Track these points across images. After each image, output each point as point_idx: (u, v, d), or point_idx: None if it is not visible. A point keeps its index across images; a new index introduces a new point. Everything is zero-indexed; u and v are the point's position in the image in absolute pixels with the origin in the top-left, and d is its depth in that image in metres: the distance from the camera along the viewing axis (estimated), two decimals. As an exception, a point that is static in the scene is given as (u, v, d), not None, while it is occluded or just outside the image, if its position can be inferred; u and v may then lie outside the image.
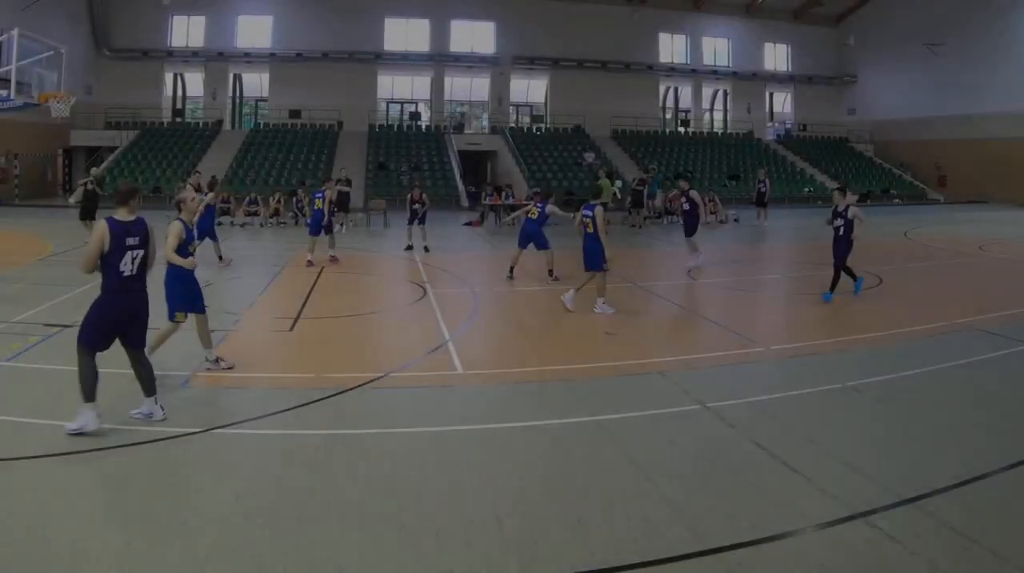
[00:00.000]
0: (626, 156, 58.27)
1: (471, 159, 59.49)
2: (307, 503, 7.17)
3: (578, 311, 16.20)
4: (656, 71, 66.30)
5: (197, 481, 7.62)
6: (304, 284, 18.87)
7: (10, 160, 47.66)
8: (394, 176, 50.74)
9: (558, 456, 8.40)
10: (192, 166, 48.13)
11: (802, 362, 12.51)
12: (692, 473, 7.93)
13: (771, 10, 66.44)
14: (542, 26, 61.52)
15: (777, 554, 6.36)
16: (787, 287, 20.03)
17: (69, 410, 9.29)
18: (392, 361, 12.29)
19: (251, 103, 65.48)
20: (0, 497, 7.10)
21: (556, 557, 6.26)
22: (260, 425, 9.27)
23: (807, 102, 70.32)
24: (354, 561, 6.17)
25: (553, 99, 65.13)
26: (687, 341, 14.17)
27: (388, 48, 62.26)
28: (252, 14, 60.80)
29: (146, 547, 6.30)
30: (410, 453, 8.43)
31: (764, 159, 60.38)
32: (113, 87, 58.06)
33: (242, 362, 12.32)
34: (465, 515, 6.96)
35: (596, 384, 11.13)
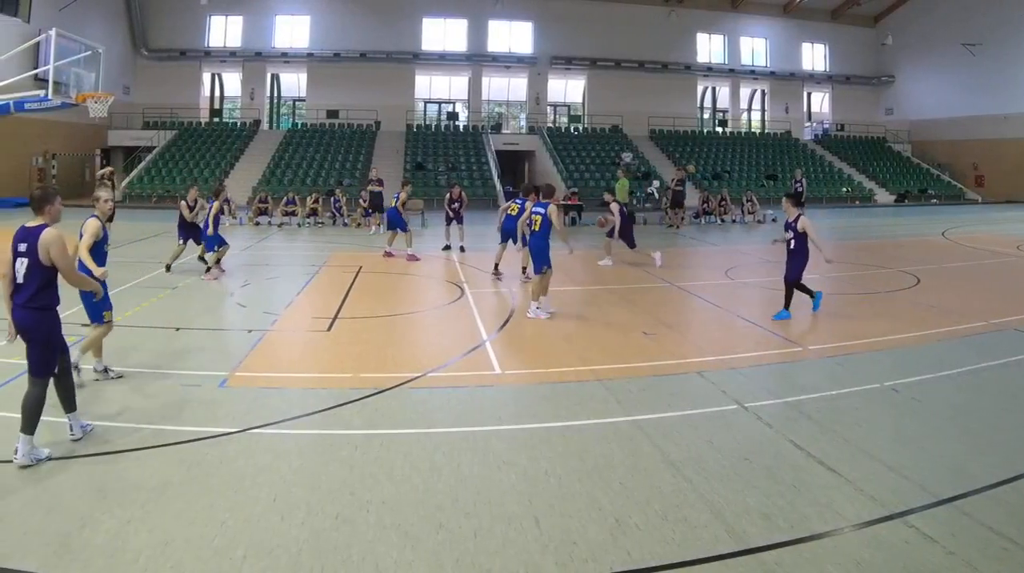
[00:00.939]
0: (664, 156, 58.21)
1: (509, 159, 59.58)
2: (344, 503, 7.19)
3: (614, 311, 16.21)
4: (694, 71, 66.22)
5: (235, 481, 7.62)
6: (342, 284, 18.91)
7: (47, 160, 47.95)
8: (432, 176, 50.77)
9: (596, 456, 8.35)
10: (230, 166, 48.49)
11: (840, 362, 12.44)
12: (730, 473, 7.89)
13: (809, 10, 66.23)
14: (580, 26, 61.59)
15: (815, 554, 6.33)
16: (824, 287, 19.82)
17: (107, 410, 9.39)
18: (430, 361, 12.29)
19: (289, 103, 65.81)
20: (38, 497, 7.16)
21: (593, 557, 6.26)
22: (298, 425, 9.32)
23: (845, 102, 70.04)
24: (391, 561, 6.19)
25: (591, 99, 65.13)
26: (725, 341, 14.05)
27: (426, 48, 62.59)
28: (290, 14, 61.17)
29: (184, 546, 6.33)
30: (448, 453, 8.44)
31: (802, 159, 60.28)
32: (151, 87, 58.60)
33: (280, 362, 12.39)
34: (503, 515, 6.97)
35: (634, 384, 11.09)
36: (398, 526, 6.75)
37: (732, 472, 7.91)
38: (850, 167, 61.00)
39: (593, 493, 7.42)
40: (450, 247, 25.95)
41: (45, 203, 8.36)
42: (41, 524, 6.63)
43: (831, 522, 6.86)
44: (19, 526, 6.60)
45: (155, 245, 26.26)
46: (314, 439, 8.91)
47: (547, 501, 7.25)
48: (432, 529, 6.70)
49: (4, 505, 6.95)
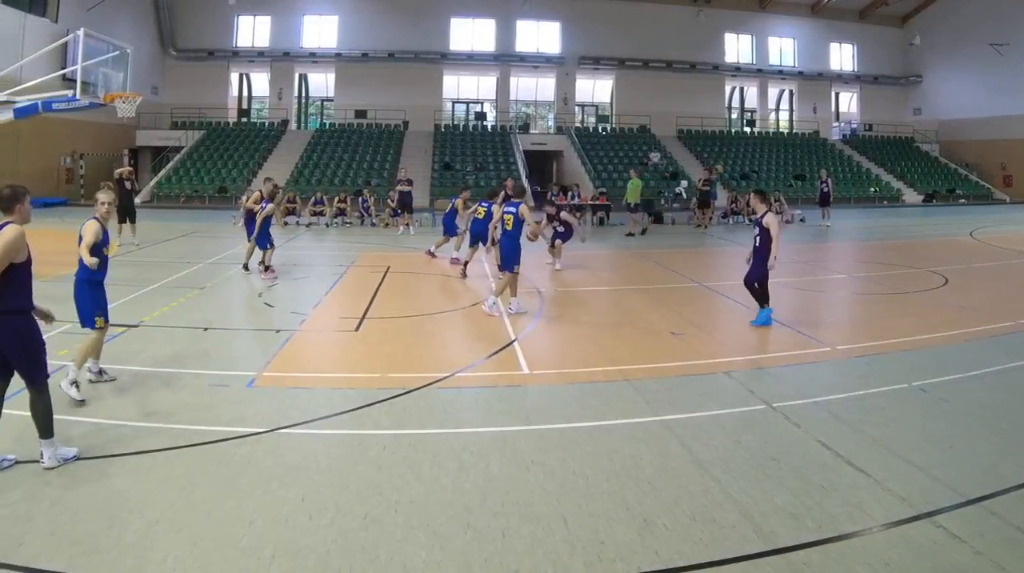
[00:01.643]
0: (692, 156, 58.07)
1: (537, 159, 59.59)
2: (373, 503, 7.21)
3: (642, 311, 16.19)
4: (722, 71, 66.06)
5: (263, 481, 7.64)
6: (370, 284, 18.91)
7: (76, 160, 48.20)
8: (460, 176, 50.84)
9: (624, 456, 8.34)
10: (258, 166, 48.61)
11: (868, 362, 12.41)
12: (758, 473, 7.88)
13: (837, 10, 65.98)
14: (608, 26, 61.51)
15: (843, 554, 6.33)
16: (852, 287, 19.83)
17: (136, 410, 9.43)
18: (458, 361, 12.30)
19: (317, 103, 65.91)
20: (65, 497, 7.20)
21: (621, 557, 6.26)
22: (326, 425, 9.33)
23: (873, 102, 69.71)
24: (420, 561, 6.20)
25: (619, 99, 65.04)
26: (753, 341, 14.05)
27: (454, 48, 62.59)
28: (318, 14, 61.30)
29: (212, 547, 6.36)
30: (476, 453, 8.45)
31: (830, 159, 60.11)
32: (179, 87, 58.88)
33: (308, 362, 12.43)
34: (531, 515, 6.98)
35: (662, 384, 11.09)
36: (426, 526, 6.76)
37: (760, 472, 7.90)
38: (878, 167, 60.75)
39: (621, 493, 7.43)
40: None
41: (15, 202, 7.99)
42: (69, 524, 6.66)
43: (859, 522, 6.85)
44: (47, 526, 6.63)
45: (183, 245, 26.37)
46: (342, 439, 8.92)
47: (575, 501, 7.26)
48: (460, 529, 6.71)
49: (32, 505, 6.99)
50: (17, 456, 7.92)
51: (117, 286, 17.05)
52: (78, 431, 8.69)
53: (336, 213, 37.10)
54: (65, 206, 43.72)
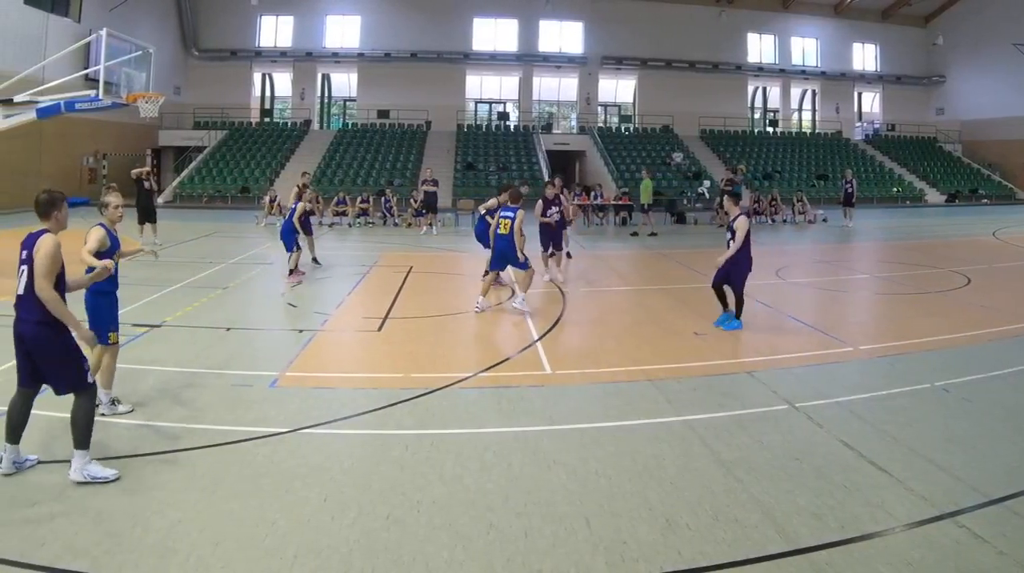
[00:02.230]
0: (714, 156, 57.97)
1: (559, 159, 59.38)
2: (395, 503, 7.22)
3: (665, 311, 16.19)
4: (744, 71, 65.90)
5: (286, 481, 7.67)
6: (393, 284, 18.92)
7: (98, 160, 48.38)
8: (482, 176, 50.84)
9: (646, 456, 8.35)
10: (280, 166, 48.72)
11: (890, 362, 12.40)
12: (781, 473, 7.87)
13: (859, 10, 65.77)
14: (630, 26, 61.44)
15: (865, 554, 6.32)
16: (875, 287, 19.79)
17: (159, 410, 9.46)
18: (480, 361, 12.31)
19: (339, 103, 65.93)
20: (88, 497, 7.22)
21: (644, 557, 6.26)
22: (348, 425, 9.35)
23: (895, 102, 69.45)
24: (442, 561, 6.21)
25: (641, 99, 64.94)
26: (775, 341, 13.99)
27: (476, 48, 62.63)
28: (340, 14, 61.45)
29: (235, 547, 6.37)
30: (498, 453, 8.47)
31: (852, 159, 59.82)
32: (201, 87, 59.16)
33: (331, 362, 12.46)
34: (553, 515, 6.99)
35: (684, 384, 11.10)
36: (449, 526, 6.77)
37: (783, 472, 7.89)
38: (901, 167, 60.51)
39: (644, 493, 7.43)
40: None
41: (52, 208, 7.92)
42: (91, 524, 6.69)
43: (882, 522, 6.84)
44: (70, 526, 6.65)
45: (206, 245, 26.45)
46: (365, 439, 8.94)
47: (598, 501, 7.26)
48: (483, 529, 6.73)
49: (55, 505, 7.02)
50: (40, 456, 7.96)
51: (140, 286, 17.17)
52: (102, 432, 8.70)
53: (358, 213, 37.24)
54: (87, 206, 43.87)
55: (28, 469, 7.79)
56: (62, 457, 7.92)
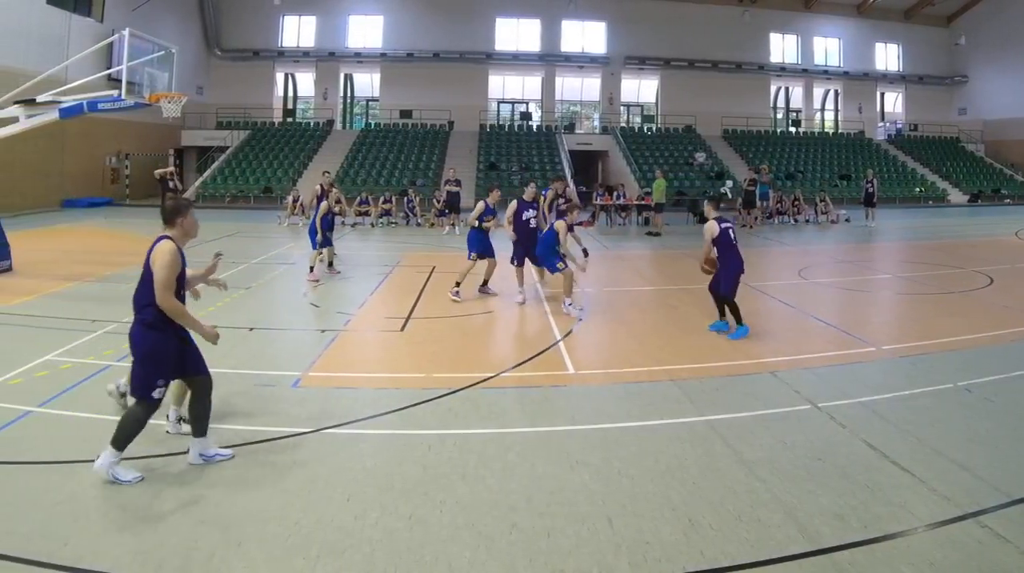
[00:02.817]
0: (737, 156, 57.85)
1: (582, 159, 59.55)
2: (418, 503, 7.24)
3: (688, 310, 16.21)
4: (767, 71, 65.76)
5: (308, 481, 7.70)
6: (415, 284, 18.93)
7: (121, 160, 48.63)
8: (505, 176, 50.85)
9: (668, 456, 8.38)
10: (303, 166, 48.77)
11: (913, 362, 12.40)
12: (803, 473, 7.89)
13: (882, 10, 65.56)
14: (653, 26, 61.40)
15: (888, 554, 6.34)
16: (897, 287, 19.74)
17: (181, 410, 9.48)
18: (503, 361, 12.33)
19: (362, 103, 66.07)
20: (112, 497, 7.26)
21: (667, 557, 6.28)
22: (371, 425, 9.38)
23: (918, 102, 69.16)
24: (465, 561, 6.23)
25: (664, 99, 64.89)
26: (798, 341, 13.96)
27: (499, 48, 62.64)
28: (363, 14, 61.52)
29: (257, 547, 6.40)
30: (521, 453, 8.50)
31: (875, 159, 59.65)
32: (224, 87, 59.31)
33: (353, 362, 12.50)
34: (576, 515, 7.01)
35: (707, 384, 11.11)
36: (471, 526, 6.80)
37: (805, 472, 7.90)
38: (923, 167, 60.29)
39: (666, 493, 7.45)
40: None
41: (176, 215, 8.07)
42: (115, 524, 6.74)
43: (904, 522, 6.86)
44: (92, 526, 6.70)
45: (228, 245, 26.41)
46: (387, 439, 8.95)
47: (620, 501, 7.28)
48: (505, 529, 6.75)
49: (78, 506, 7.05)
50: (50, 457, 8.02)
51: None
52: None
53: (381, 213, 37.26)
54: (110, 206, 44.10)
55: (218, 462, 8.09)
56: (72, 458, 7.99)
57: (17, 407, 9.52)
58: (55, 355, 12.05)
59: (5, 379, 10.75)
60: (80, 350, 12.42)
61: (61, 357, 11.99)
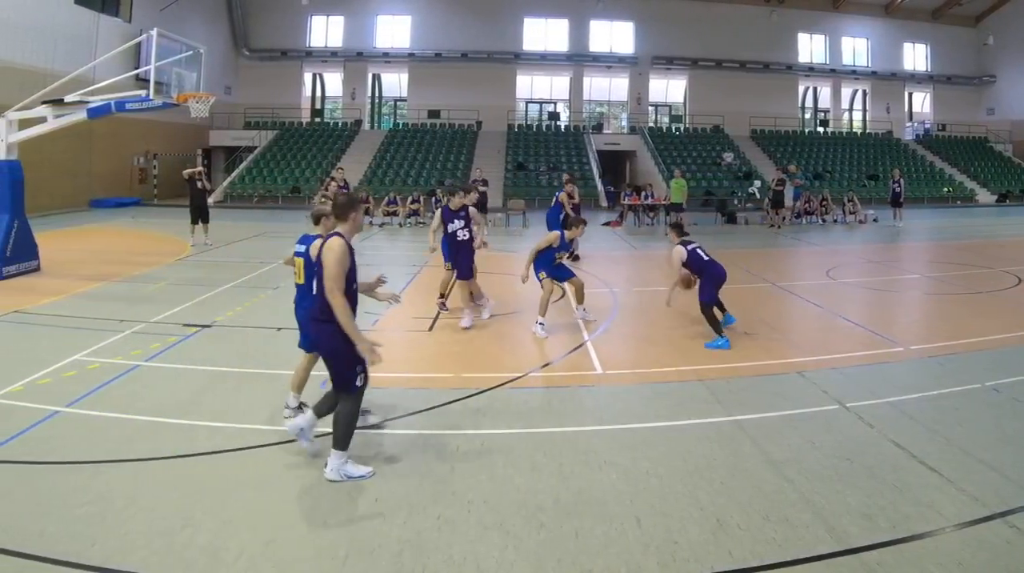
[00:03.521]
0: (765, 156, 57.79)
1: (610, 159, 59.63)
2: (446, 503, 7.27)
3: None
4: (795, 71, 65.51)
5: (336, 481, 7.72)
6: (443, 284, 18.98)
7: (149, 160, 48.85)
8: (533, 176, 50.86)
9: (697, 456, 8.39)
10: (331, 166, 48.61)
11: (941, 362, 12.36)
12: (831, 473, 7.88)
13: (910, 10, 65.29)
14: (681, 26, 61.33)
15: (916, 554, 6.33)
16: (925, 287, 19.66)
17: (207, 410, 9.52)
18: (531, 361, 12.34)
19: (390, 103, 66.07)
20: (139, 497, 7.27)
21: (695, 557, 6.29)
22: (399, 425, 9.42)
23: (946, 102, 68.88)
24: (493, 561, 6.25)
25: (692, 99, 64.80)
26: (826, 341, 13.90)
27: (527, 48, 62.56)
28: (391, 14, 61.58)
29: (285, 547, 6.43)
30: (549, 453, 8.51)
31: (903, 159, 59.41)
32: (252, 87, 59.51)
33: (381, 362, 12.52)
34: (604, 515, 7.02)
35: (735, 384, 11.11)
36: (500, 526, 6.82)
37: (833, 472, 7.89)
38: (951, 167, 60.07)
39: (694, 493, 7.45)
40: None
41: (349, 210, 8.10)
42: (143, 524, 6.74)
43: (932, 522, 6.84)
44: (120, 526, 6.71)
45: (256, 245, 26.60)
46: (415, 439, 8.96)
47: (648, 501, 7.29)
48: (533, 529, 6.76)
49: (105, 505, 7.08)
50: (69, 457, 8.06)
51: (191, 286, 17.40)
52: (161, 432, 8.83)
53: (409, 213, 37.31)
54: (138, 206, 44.28)
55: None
56: (100, 458, 8.03)
57: (45, 407, 9.59)
58: (83, 355, 12.11)
59: (34, 379, 10.83)
60: (108, 350, 12.47)
61: (89, 357, 12.04)
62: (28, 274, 19.52)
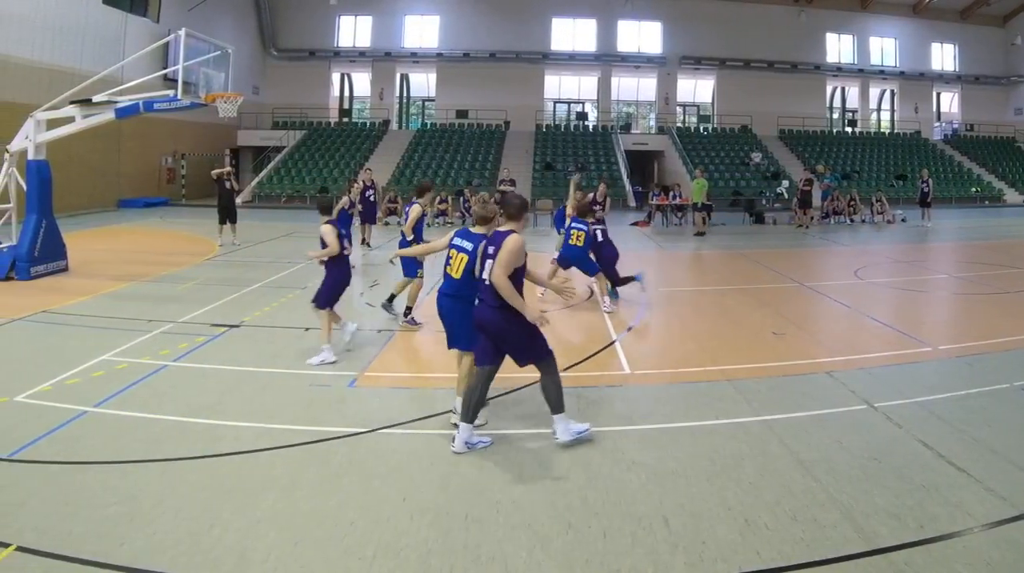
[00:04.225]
0: (793, 156, 57.73)
1: (638, 159, 59.73)
2: (474, 502, 7.26)
3: (744, 311, 16.15)
4: (823, 71, 65.36)
5: (364, 481, 7.73)
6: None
7: (177, 160, 49.11)
8: (561, 176, 50.88)
9: (724, 456, 8.35)
10: (359, 166, 48.64)
11: (969, 362, 12.28)
12: (859, 473, 7.84)
13: (938, 10, 65.06)
14: (709, 26, 61.31)
15: (944, 554, 6.29)
16: (954, 287, 19.56)
17: (235, 410, 9.55)
18: (559, 361, 12.24)
19: (418, 103, 66.23)
20: (167, 497, 7.28)
21: (723, 557, 6.26)
22: (427, 425, 9.39)
23: (974, 102, 68.63)
24: (520, 561, 6.23)
25: (720, 99, 64.74)
26: (854, 341, 13.89)
27: (555, 48, 62.63)
28: (419, 14, 61.77)
29: (313, 547, 6.42)
30: (577, 453, 8.46)
31: (931, 159, 59.21)
32: (280, 87, 59.83)
33: (409, 362, 12.53)
34: (632, 514, 6.99)
35: (763, 384, 11.07)
36: (527, 526, 6.80)
37: (861, 472, 7.86)
38: (979, 167, 59.91)
39: (722, 493, 7.42)
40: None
41: (523, 211, 9.03)
42: (171, 524, 6.74)
43: (961, 522, 6.81)
44: (148, 526, 6.72)
45: (285, 245, 26.68)
46: (444, 439, 8.87)
47: (676, 501, 7.26)
48: (561, 529, 6.74)
49: (134, 505, 7.09)
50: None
51: (218, 286, 17.44)
52: (189, 432, 8.86)
53: (437, 213, 37.37)
54: (166, 206, 44.47)
55: (480, 449, 8.50)
56: (128, 458, 8.06)
57: (74, 407, 9.63)
58: (111, 355, 12.17)
59: (62, 379, 10.89)
60: (136, 350, 12.52)
61: (117, 357, 12.10)
62: (56, 274, 19.63)
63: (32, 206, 19.30)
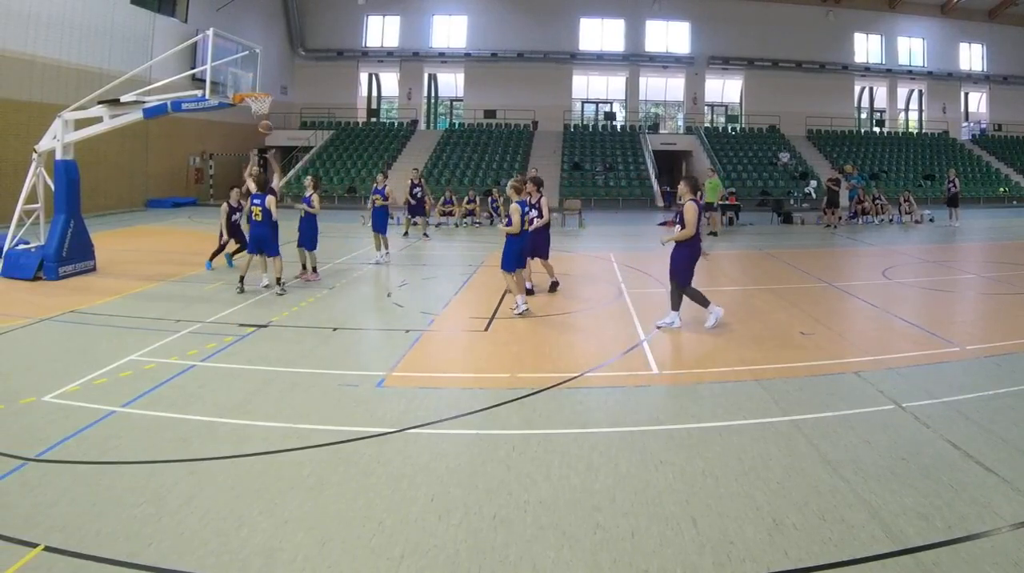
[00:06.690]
0: (821, 156, 57.65)
1: (666, 159, 59.71)
2: (502, 503, 7.24)
3: (772, 311, 16.11)
4: (851, 71, 65.23)
5: (392, 481, 7.70)
6: (499, 284, 18.76)
7: (204, 160, 49.33)
8: (589, 176, 50.81)
9: (752, 456, 8.30)
10: (388, 166, 48.67)
11: (998, 362, 12.21)
12: (887, 473, 7.81)
13: (966, 10, 64.84)
14: (737, 26, 61.41)
15: (972, 554, 6.26)
16: (982, 287, 19.46)
17: (262, 410, 9.57)
18: (587, 361, 12.31)
19: (446, 103, 66.51)
20: (195, 497, 7.30)
21: (751, 557, 6.24)
22: (455, 425, 9.37)
23: (1002, 102, 68.28)
24: (549, 561, 6.21)
25: (748, 99, 64.82)
26: (882, 341, 13.83)
27: (583, 48, 62.94)
28: (447, 14, 62.14)
29: (341, 547, 6.42)
30: (605, 453, 8.44)
31: (959, 159, 59.05)
32: (308, 87, 60.38)
33: (437, 362, 12.53)
34: (660, 515, 6.97)
35: (791, 384, 11.03)
36: (555, 526, 6.78)
37: (889, 472, 7.84)
38: (1008, 167, 59.63)
39: (750, 493, 7.40)
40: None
41: (698, 187, 11.75)
42: (199, 525, 6.76)
43: (989, 522, 6.77)
44: (176, 526, 6.73)
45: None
46: (471, 439, 8.94)
47: (704, 501, 7.24)
48: (589, 529, 6.73)
49: (161, 505, 7.11)
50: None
51: (246, 287, 17.38)
52: (217, 432, 8.90)
53: (465, 213, 37.47)
54: (194, 206, 44.61)
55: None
56: (156, 458, 8.10)
57: (102, 407, 9.67)
58: (139, 355, 12.24)
59: (90, 378, 10.94)
60: (164, 350, 12.57)
61: (145, 357, 12.16)
62: (84, 274, 19.75)
63: (60, 206, 19.41)
